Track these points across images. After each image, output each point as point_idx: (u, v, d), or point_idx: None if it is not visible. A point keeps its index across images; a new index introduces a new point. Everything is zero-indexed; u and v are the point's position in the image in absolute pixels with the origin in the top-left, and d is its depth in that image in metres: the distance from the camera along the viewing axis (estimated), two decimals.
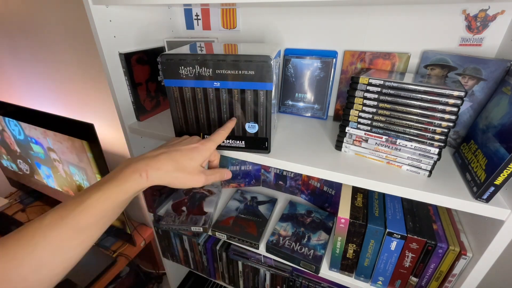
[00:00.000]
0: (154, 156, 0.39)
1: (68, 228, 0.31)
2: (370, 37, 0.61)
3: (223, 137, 0.47)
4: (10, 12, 1.09)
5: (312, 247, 0.67)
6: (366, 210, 0.56)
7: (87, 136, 0.86)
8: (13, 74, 1.31)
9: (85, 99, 1.14)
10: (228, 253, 0.84)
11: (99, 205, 0.33)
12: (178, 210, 0.82)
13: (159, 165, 0.38)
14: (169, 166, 0.38)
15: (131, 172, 0.36)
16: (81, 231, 0.32)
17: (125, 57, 0.62)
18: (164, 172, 0.38)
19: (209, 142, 0.44)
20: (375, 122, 0.48)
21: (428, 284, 0.55)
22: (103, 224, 0.35)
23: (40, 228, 0.30)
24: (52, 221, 0.31)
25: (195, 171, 0.41)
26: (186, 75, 0.48)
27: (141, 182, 0.36)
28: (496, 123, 0.43)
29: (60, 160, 1.04)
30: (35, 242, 0.30)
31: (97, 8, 0.56)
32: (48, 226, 0.31)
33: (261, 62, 0.44)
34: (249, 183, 0.91)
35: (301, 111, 0.72)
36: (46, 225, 0.31)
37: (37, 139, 1.06)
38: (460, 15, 0.52)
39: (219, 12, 0.74)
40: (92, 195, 0.33)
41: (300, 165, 0.50)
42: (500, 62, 0.47)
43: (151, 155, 0.39)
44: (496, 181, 0.39)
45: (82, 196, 0.33)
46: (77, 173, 1.02)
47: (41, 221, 0.31)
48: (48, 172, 1.14)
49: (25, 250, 0.29)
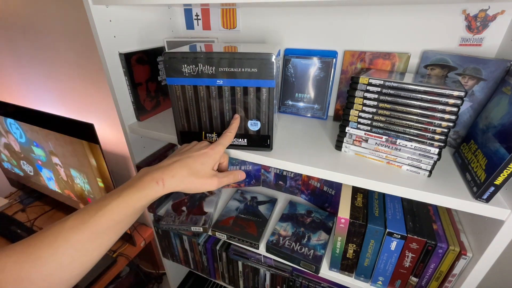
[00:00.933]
0: (169, 164, 0.41)
1: (89, 232, 0.33)
2: (370, 37, 0.61)
3: (230, 139, 0.48)
4: (10, 12, 1.09)
5: (312, 247, 0.67)
6: (366, 210, 0.56)
7: (87, 136, 0.86)
8: (13, 74, 1.31)
9: (85, 99, 1.14)
10: (228, 253, 0.84)
11: (119, 210, 0.36)
12: (178, 210, 0.82)
13: (174, 172, 0.40)
14: (183, 172, 0.40)
15: (149, 180, 0.38)
16: (99, 235, 0.34)
17: (125, 57, 0.62)
18: (179, 179, 0.40)
19: (217, 146, 0.46)
20: (375, 122, 0.48)
21: (428, 284, 0.55)
22: (120, 229, 0.37)
23: (62, 231, 0.32)
24: (74, 225, 0.33)
25: (208, 174, 0.43)
26: (189, 73, 0.48)
27: (158, 189, 0.38)
28: (496, 123, 0.43)
29: (61, 163, 1.04)
30: (58, 244, 0.32)
31: (97, 8, 0.56)
32: (70, 229, 0.33)
33: (263, 60, 0.45)
34: (249, 183, 0.91)
35: (301, 111, 0.72)
36: (68, 228, 0.33)
37: (38, 142, 1.06)
38: (460, 15, 0.52)
39: (219, 12, 0.74)
40: (113, 201, 0.36)
41: (300, 165, 0.50)
42: (500, 62, 0.47)
43: (165, 164, 0.41)
44: (496, 181, 0.39)
45: (103, 201, 0.36)
46: (78, 176, 1.02)
47: (63, 224, 0.33)
48: (50, 174, 1.14)
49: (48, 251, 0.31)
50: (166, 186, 0.39)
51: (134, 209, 0.37)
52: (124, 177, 1.27)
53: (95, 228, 0.34)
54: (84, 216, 0.34)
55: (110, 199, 0.36)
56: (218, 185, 0.43)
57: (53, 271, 0.31)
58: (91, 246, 0.34)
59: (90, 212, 0.34)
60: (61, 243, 0.32)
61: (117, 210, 0.35)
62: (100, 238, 0.35)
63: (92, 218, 0.34)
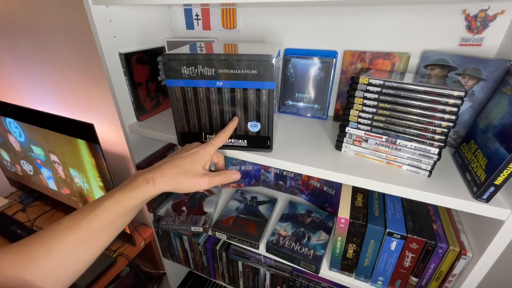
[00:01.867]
0: (160, 165, 0.42)
1: (83, 232, 0.34)
2: (370, 37, 0.61)
3: (223, 140, 0.48)
4: (11, 12, 1.09)
5: (312, 247, 0.67)
6: (366, 210, 0.56)
7: (87, 136, 0.86)
8: (14, 74, 1.31)
9: (85, 99, 1.14)
10: (228, 253, 0.84)
11: (111, 210, 0.36)
12: (178, 210, 0.82)
13: (164, 172, 0.41)
14: (173, 172, 0.41)
15: (140, 180, 0.39)
16: (93, 235, 0.35)
17: (125, 57, 0.62)
18: (169, 178, 0.40)
19: (208, 146, 0.46)
20: (375, 122, 0.48)
21: (428, 284, 0.55)
22: (114, 230, 0.38)
23: (57, 232, 0.34)
24: (68, 225, 0.34)
25: (198, 173, 0.43)
26: (189, 75, 0.48)
27: (149, 189, 0.39)
28: (496, 123, 0.43)
29: (60, 162, 1.04)
30: (52, 243, 0.33)
31: (97, 8, 0.56)
32: (65, 229, 0.34)
33: (263, 61, 0.45)
34: (249, 183, 0.91)
35: (301, 111, 0.72)
36: (62, 228, 0.34)
37: (37, 141, 1.06)
38: (460, 15, 0.52)
39: (219, 12, 0.74)
40: (105, 201, 0.37)
41: (300, 165, 0.50)
42: (500, 62, 0.47)
43: (156, 166, 0.42)
44: (496, 181, 0.39)
45: (96, 202, 0.37)
46: (77, 175, 1.02)
47: (58, 225, 0.34)
48: (49, 174, 1.14)
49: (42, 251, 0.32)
50: (157, 186, 0.39)
51: (126, 209, 0.38)
52: (124, 177, 1.27)
53: (89, 229, 0.35)
54: (78, 217, 0.35)
55: (103, 199, 0.37)
56: (209, 184, 0.43)
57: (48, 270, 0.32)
58: (85, 246, 0.35)
59: (84, 213, 0.35)
60: (55, 243, 0.33)
61: (110, 211, 0.36)
62: (94, 238, 0.35)
63: (85, 218, 0.35)
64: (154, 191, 0.39)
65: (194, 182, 0.42)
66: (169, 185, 0.40)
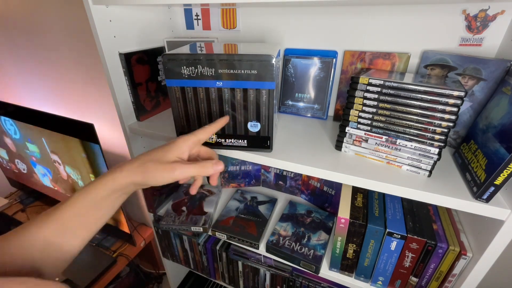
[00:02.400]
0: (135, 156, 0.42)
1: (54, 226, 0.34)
2: (370, 37, 0.61)
3: (207, 132, 0.45)
4: (11, 12, 1.09)
5: (312, 247, 0.67)
6: (366, 210, 0.56)
7: (87, 136, 0.86)
8: (14, 74, 1.31)
9: (85, 99, 1.14)
10: (228, 253, 0.84)
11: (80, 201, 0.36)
12: (178, 210, 0.82)
13: (135, 159, 0.40)
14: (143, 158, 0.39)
15: (113, 168, 0.39)
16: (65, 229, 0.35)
17: (125, 57, 0.62)
18: (137, 165, 0.39)
19: (187, 135, 0.43)
20: (375, 122, 0.48)
21: (428, 284, 0.55)
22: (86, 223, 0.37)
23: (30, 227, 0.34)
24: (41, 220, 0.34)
25: (170, 161, 0.40)
26: (188, 75, 0.48)
27: (116, 176, 0.38)
28: (496, 123, 0.43)
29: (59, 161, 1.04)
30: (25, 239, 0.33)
31: (97, 8, 0.56)
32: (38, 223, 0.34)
33: (263, 61, 0.45)
34: (249, 183, 0.91)
35: (301, 111, 0.72)
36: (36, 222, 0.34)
37: (32, 139, 1.06)
38: (460, 15, 0.52)
39: (219, 12, 0.74)
40: (76, 193, 0.37)
41: (300, 165, 0.50)
42: (500, 62, 0.47)
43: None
44: (496, 181, 0.39)
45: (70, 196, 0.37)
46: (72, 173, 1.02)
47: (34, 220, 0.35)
48: (44, 171, 1.14)
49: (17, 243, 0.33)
50: (124, 172, 0.38)
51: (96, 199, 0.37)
52: None
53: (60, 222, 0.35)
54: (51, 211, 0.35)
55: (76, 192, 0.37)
56: (181, 173, 0.39)
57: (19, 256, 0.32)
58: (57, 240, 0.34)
59: (57, 206, 0.35)
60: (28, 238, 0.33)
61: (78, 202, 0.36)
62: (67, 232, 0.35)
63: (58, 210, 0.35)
64: (122, 179, 0.37)
65: (162, 169, 0.38)
66: (136, 172, 0.38)
